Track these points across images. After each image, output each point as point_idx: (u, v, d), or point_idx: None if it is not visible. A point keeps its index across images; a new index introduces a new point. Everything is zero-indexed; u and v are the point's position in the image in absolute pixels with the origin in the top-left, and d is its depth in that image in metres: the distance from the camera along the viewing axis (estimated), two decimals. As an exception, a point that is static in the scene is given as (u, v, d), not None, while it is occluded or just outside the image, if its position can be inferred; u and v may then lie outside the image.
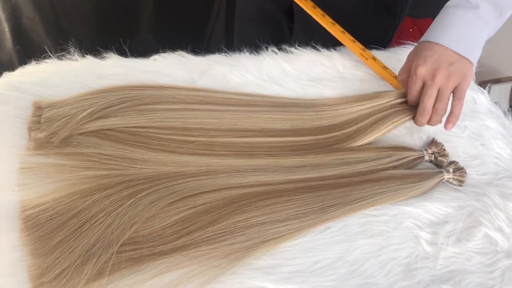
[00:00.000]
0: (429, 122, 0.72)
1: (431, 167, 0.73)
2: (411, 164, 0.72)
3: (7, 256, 0.52)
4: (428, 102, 0.69)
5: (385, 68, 0.82)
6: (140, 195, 0.57)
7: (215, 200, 0.60)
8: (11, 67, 0.73)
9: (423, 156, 0.72)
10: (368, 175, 0.68)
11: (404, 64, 0.76)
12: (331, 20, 0.86)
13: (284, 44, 0.86)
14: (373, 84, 0.82)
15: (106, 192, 0.57)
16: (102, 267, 0.51)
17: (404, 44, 0.91)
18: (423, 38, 0.73)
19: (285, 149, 0.69)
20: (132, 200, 0.57)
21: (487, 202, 0.66)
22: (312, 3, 0.89)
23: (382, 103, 0.76)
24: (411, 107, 0.75)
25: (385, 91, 0.79)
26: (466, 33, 0.69)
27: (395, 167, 0.70)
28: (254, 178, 0.63)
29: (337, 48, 0.87)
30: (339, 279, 0.56)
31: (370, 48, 0.89)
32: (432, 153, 0.73)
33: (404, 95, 0.76)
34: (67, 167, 0.59)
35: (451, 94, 0.71)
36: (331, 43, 0.87)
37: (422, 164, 0.73)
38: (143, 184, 0.59)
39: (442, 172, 0.69)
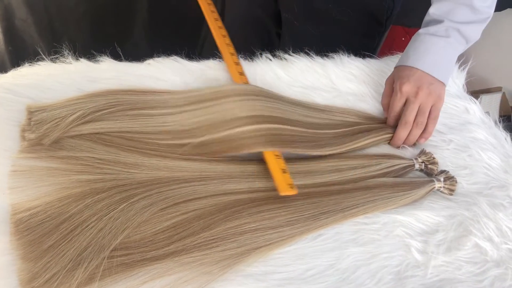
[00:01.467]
0: (408, 136, 0.76)
1: (422, 176, 0.73)
2: (402, 172, 0.72)
3: (2, 259, 0.51)
4: (410, 116, 0.75)
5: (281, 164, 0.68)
6: (132, 200, 0.57)
7: (208, 206, 0.60)
8: (3, 69, 0.72)
9: (414, 164, 0.73)
10: (359, 183, 0.68)
11: (385, 90, 0.81)
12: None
13: (272, 49, 0.87)
14: (366, 100, 0.83)
15: (98, 196, 0.57)
16: (93, 272, 0.51)
17: (396, 53, 0.92)
18: (399, 63, 0.80)
19: (275, 143, 0.67)
20: (124, 205, 0.56)
21: (477, 211, 0.67)
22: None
23: (368, 122, 0.79)
24: (390, 127, 0.79)
25: (377, 117, 0.81)
26: (440, 59, 0.77)
27: (385, 174, 0.71)
28: (247, 185, 0.63)
29: (330, 55, 0.88)
30: (331, 286, 0.57)
31: (363, 56, 0.90)
32: (422, 162, 0.73)
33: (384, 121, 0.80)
34: (60, 170, 0.58)
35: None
36: (320, 49, 0.88)
37: (412, 173, 0.74)
38: (136, 189, 0.59)
39: (433, 181, 0.70)
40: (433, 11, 0.79)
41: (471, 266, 0.62)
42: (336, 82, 0.84)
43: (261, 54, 0.85)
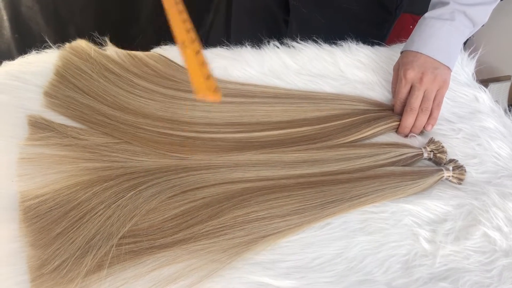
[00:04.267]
0: (414, 123, 0.76)
1: (430, 165, 0.73)
2: (410, 161, 0.72)
3: (6, 246, 0.51)
4: (415, 102, 0.75)
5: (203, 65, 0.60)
6: (140, 188, 0.57)
7: (216, 194, 0.60)
8: (10, 56, 0.72)
9: (422, 153, 0.72)
10: (367, 172, 0.68)
11: (393, 76, 0.81)
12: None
13: (279, 37, 0.86)
14: (374, 88, 0.82)
15: (106, 184, 0.57)
16: (101, 259, 0.51)
17: (405, 41, 0.90)
18: (404, 48, 0.79)
19: (284, 141, 0.68)
20: (132, 193, 0.57)
21: (487, 201, 0.66)
22: None
23: (376, 108, 0.78)
24: (397, 115, 0.78)
25: (384, 103, 0.81)
26: (445, 43, 0.76)
27: (394, 163, 0.70)
28: (255, 173, 0.63)
29: (338, 43, 0.87)
30: (338, 275, 0.56)
31: (371, 44, 0.89)
32: (431, 151, 0.73)
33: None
34: (68, 158, 0.58)
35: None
36: (328, 37, 0.87)
37: (421, 162, 0.73)
38: (144, 177, 0.59)
39: (441, 170, 0.69)
40: None
41: (479, 255, 0.61)
42: (344, 70, 0.84)
43: (268, 42, 0.84)
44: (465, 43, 0.92)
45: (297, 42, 0.85)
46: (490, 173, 0.72)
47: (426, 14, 0.78)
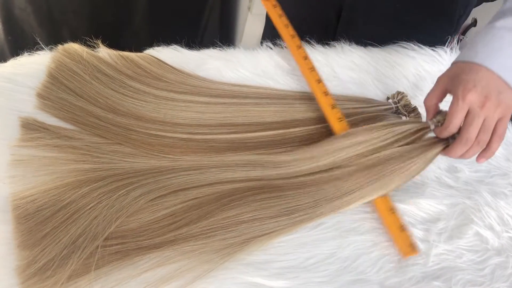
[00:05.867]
0: (465, 153, 0.63)
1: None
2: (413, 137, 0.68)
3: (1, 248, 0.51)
4: (473, 132, 0.61)
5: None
6: (128, 188, 0.57)
7: (205, 195, 0.60)
8: (3, 58, 0.72)
9: (429, 126, 0.68)
10: (358, 161, 0.66)
11: (435, 88, 0.66)
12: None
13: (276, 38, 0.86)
14: (367, 89, 0.83)
15: (95, 185, 0.57)
16: (87, 260, 0.51)
17: (398, 42, 0.90)
18: (463, 58, 0.64)
19: (276, 142, 0.68)
20: (120, 193, 0.56)
21: (479, 200, 0.67)
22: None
23: (372, 106, 0.78)
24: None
25: (375, 100, 0.80)
26: None
27: (395, 142, 0.67)
28: (243, 174, 0.63)
29: (331, 43, 0.87)
30: (331, 275, 0.57)
31: (365, 45, 0.89)
32: (438, 122, 0.67)
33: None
34: (58, 159, 0.58)
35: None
36: (319, 38, 0.87)
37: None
38: (133, 178, 0.59)
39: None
40: None
41: (472, 254, 0.62)
42: (337, 70, 0.84)
43: (261, 43, 0.84)
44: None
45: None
46: (483, 172, 0.73)
47: (497, 23, 0.64)
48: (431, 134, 0.68)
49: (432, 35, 0.90)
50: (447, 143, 0.66)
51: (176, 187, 0.59)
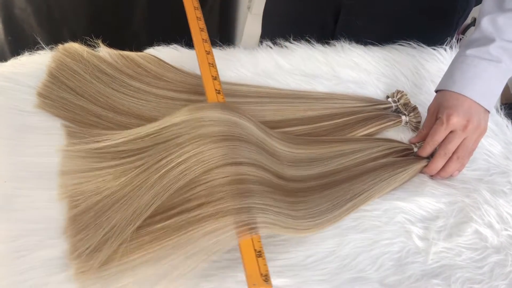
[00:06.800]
0: (444, 168, 0.70)
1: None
2: (400, 154, 0.73)
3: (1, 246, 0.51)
4: (451, 148, 0.69)
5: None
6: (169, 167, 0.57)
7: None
8: (3, 58, 0.73)
9: (412, 148, 0.73)
10: (363, 166, 0.68)
11: (428, 119, 0.73)
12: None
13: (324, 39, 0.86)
14: (367, 88, 0.83)
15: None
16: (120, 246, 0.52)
17: (398, 42, 0.91)
18: (443, 86, 0.71)
19: (276, 141, 0.68)
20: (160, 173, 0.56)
21: (478, 198, 0.67)
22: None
23: (372, 105, 0.78)
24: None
25: (375, 98, 0.81)
26: (490, 87, 0.69)
27: (386, 156, 0.71)
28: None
29: (331, 43, 0.87)
30: (331, 273, 0.57)
31: (365, 44, 0.89)
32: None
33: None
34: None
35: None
36: (320, 37, 0.87)
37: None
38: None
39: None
40: (486, 25, 0.70)
41: (471, 252, 0.62)
42: (337, 69, 0.84)
43: (261, 42, 0.84)
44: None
45: (290, 42, 0.85)
46: (482, 171, 0.73)
47: (469, 51, 0.70)
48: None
49: (431, 37, 0.92)
50: (428, 161, 0.71)
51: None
